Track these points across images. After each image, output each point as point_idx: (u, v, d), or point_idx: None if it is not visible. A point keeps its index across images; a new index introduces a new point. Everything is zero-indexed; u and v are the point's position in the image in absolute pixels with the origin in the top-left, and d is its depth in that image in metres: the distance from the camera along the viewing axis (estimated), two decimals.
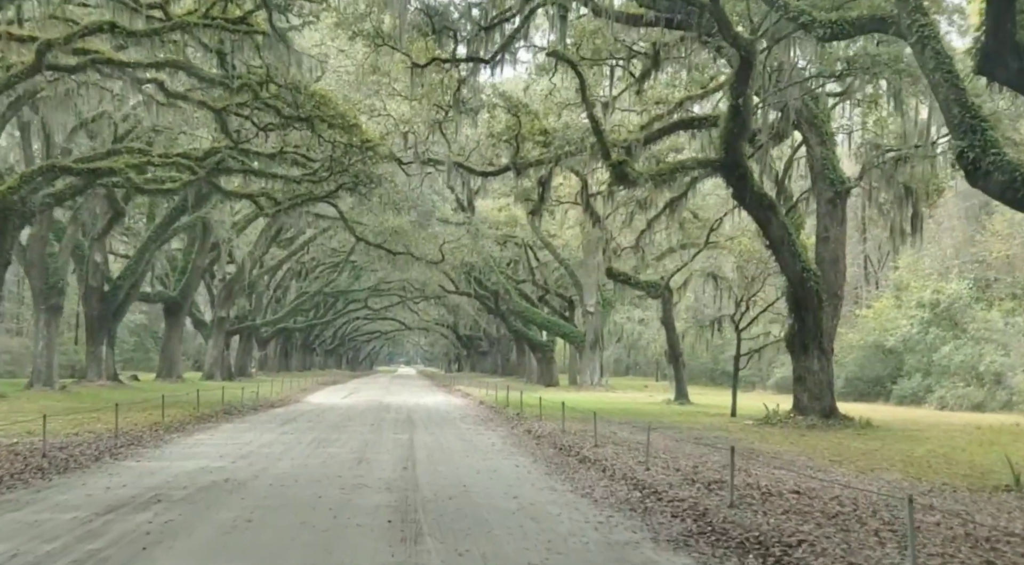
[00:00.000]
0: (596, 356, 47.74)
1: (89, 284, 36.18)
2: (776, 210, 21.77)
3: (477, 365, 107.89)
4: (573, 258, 50.53)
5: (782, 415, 22.74)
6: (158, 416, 20.40)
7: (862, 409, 28.24)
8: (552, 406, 24.88)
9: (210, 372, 52.43)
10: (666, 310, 32.08)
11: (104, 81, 24.14)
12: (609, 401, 33.98)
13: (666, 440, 17.94)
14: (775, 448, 17.24)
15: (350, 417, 23.49)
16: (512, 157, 25.43)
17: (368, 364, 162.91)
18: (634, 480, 11.45)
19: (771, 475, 12.48)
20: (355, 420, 22.51)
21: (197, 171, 23.41)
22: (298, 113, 21.82)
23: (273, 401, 31.08)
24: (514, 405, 28.23)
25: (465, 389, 44.95)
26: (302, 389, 42.68)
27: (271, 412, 25.50)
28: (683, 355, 32.72)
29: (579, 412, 24.28)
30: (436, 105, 25.56)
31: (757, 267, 27.19)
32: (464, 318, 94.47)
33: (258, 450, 14.65)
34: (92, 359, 36.58)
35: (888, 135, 24.07)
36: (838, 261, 22.67)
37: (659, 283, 31.81)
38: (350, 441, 16.47)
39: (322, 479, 11.05)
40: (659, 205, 29.19)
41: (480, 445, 16.53)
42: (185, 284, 46.39)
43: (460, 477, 11.70)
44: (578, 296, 51.04)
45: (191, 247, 46.66)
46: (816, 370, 22.31)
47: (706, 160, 21.11)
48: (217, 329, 53.45)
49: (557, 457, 14.64)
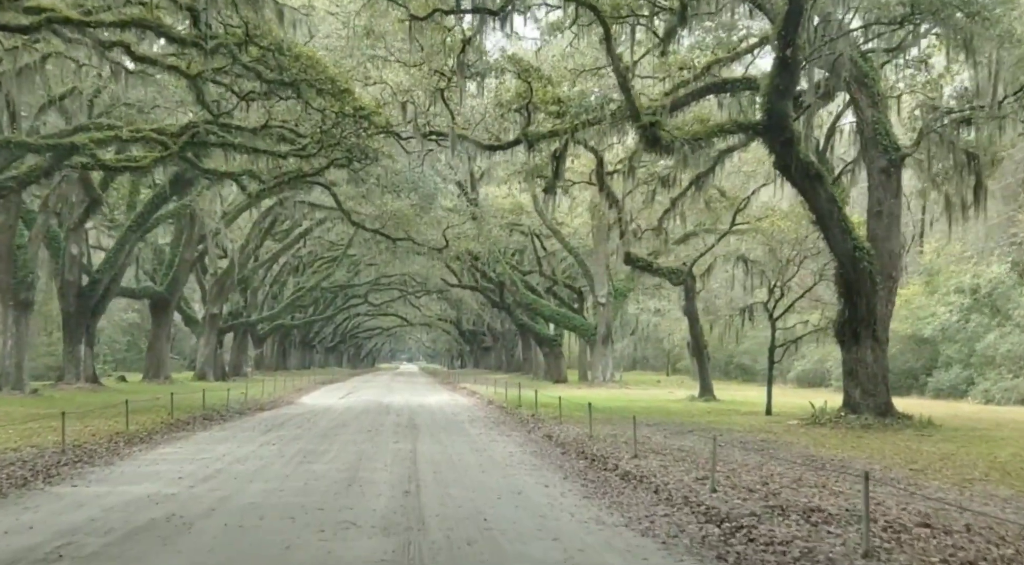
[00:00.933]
0: (608, 350, 45.15)
1: (65, 278, 33.59)
2: (824, 180, 19.15)
3: (481, 361, 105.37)
4: (582, 246, 47.91)
5: (830, 414, 20.17)
6: (130, 423, 17.88)
7: (903, 404, 25.72)
8: (570, 406, 22.31)
9: (202, 372, 49.90)
10: (689, 299, 29.49)
11: (69, 50, 21.59)
12: (627, 399, 31.40)
13: (708, 445, 15.37)
14: (836, 454, 14.68)
15: (345, 422, 20.91)
16: (523, 128, 22.79)
17: (370, 361, 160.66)
18: (701, 506, 8.88)
19: (857, 493, 9.92)
20: (350, 426, 19.93)
21: (170, 146, 20.79)
22: (282, 77, 19.19)
23: (263, 403, 28.54)
24: (527, 404, 25.66)
25: (471, 387, 42.39)
26: (297, 389, 40.14)
27: (258, 417, 22.94)
28: (708, 348, 30.14)
29: (599, 412, 21.73)
30: (438, 71, 22.93)
31: (793, 249, 24.59)
32: (467, 313, 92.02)
33: (228, 468, 12.07)
34: (70, 360, 34.00)
35: (944, 97, 21.45)
36: (892, 238, 20.05)
37: (681, 269, 29.23)
38: (342, 454, 13.88)
39: (297, 514, 8.48)
40: (683, 182, 26.62)
41: (496, 456, 13.95)
42: (172, 279, 43.80)
43: (477, 505, 9.13)
44: (588, 287, 48.42)
45: (178, 240, 44.08)
46: (869, 362, 19.72)
47: (747, 123, 18.49)
48: (209, 326, 50.89)
49: (591, 471, 12.06)
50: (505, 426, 20.27)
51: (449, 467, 12.34)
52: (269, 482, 10.62)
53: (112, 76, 21.55)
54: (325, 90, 19.55)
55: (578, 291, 52.26)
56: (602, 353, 44.81)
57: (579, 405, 23.41)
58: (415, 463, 12.73)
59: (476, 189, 39.22)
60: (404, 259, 65.40)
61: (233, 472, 11.58)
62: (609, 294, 44.79)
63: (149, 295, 43.82)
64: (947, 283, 36.67)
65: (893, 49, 20.11)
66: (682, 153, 17.35)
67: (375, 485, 10.42)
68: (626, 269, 48.94)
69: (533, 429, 19.10)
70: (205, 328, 51.16)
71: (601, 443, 15.24)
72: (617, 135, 23.22)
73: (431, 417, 22.86)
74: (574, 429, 18.24)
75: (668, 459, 12.85)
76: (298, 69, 19.28)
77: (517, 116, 23.96)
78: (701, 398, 29.50)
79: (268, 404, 28.41)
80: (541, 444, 16.08)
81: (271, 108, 22.74)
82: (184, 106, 24.02)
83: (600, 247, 45.08)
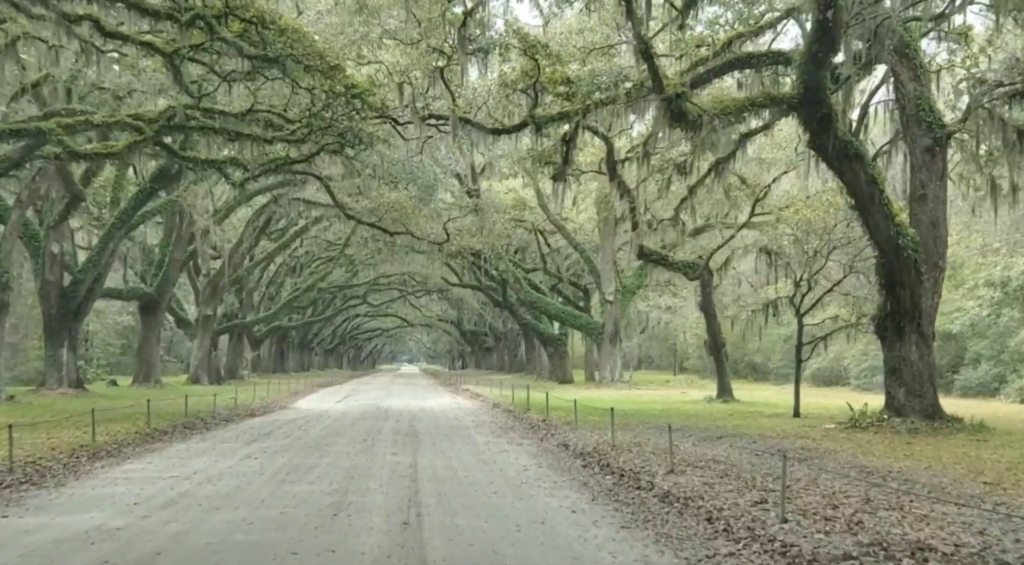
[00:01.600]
0: (616, 349, 43.36)
1: (46, 278, 31.82)
2: (864, 160, 17.38)
3: (483, 362, 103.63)
4: (588, 243, 46.15)
5: (871, 416, 18.40)
6: (98, 432, 16.12)
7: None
8: (583, 409, 20.53)
9: (196, 375, 48.23)
10: (705, 294, 27.70)
11: (37, 29, 19.85)
12: (640, 400, 29.63)
13: (747, 455, 13.62)
14: (890, 465, 12.95)
15: (339, 430, 19.12)
16: (529, 110, 21.02)
17: (370, 363, 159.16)
18: (774, 542, 7.11)
19: (953, 520, 8.16)
20: (344, 434, 18.14)
21: (145, 131, 19.00)
22: (266, 52, 17.40)
23: (254, 408, 26.77)
24: (536, 407, 23.89)
25: (474, 389, 40.61)
26: (293, 393, 38.38)
27: (246, 424, 21.16)
28: (726, 346, 28.34)
29: (609, 415, 19.95)
30: (437, 50, 21.17)
31: (820, 239, 22.81)
32: (468, 313, 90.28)
33: (196, 489, 10.30)
34: (51, 364, 32.22)
35: (988, 70, 19.65)
36: (938, 224, 18.26)
37: (697, 263, 27.45)
38: (331, 470, 12.09)
39: (267, 556, 6.70)
40: (701, 169, 24.85)
41: (509, 471, 12.16)
42: (162, 279, 42.01)
43: (493, 541, 7.35)
44: (595, 284, 46.66)
45: (168, 239, 42.31)
46: (914, 360, 17.94)
47: (780, 96, 16.70)
48: (203, 329, 49.17)
49: (622, 490, 10.29)
50: (514, 433, 18.48)
51: (455, 486, 10.56)
52: (239, 510, 8.82)
53: (83, 55, 19.81)
54: (313, 67, 17.77)
55: (584, 289, 50.49)
56: (610, 352, 43.04)
57: (592, 408, 21.65)
58: (415, 482, 10.95)
59: (478, 181, 37.39)
60: (403, 257, 63.68)
61: (200, 495, 9.80)
62: (617, 291, 43.02)
63: (138, 296, 42.04)
64: (974, 276, 34.88)
65: (936, 17, 18.32)
66: (710, 128, 15.55)
67: (367, 514, 8.63)
68: (634, 265, 47.17)
69: (546, 436, 17.32)
70: (199, 330, 49.44)
71: (626, 454, 13.47)
72: (633, 115, 21.45)
73: (433, 423, 21.08)
74: (592, 436, 16.48)
75: (709, 474, 11.07)
76: (283, 44, 17.49)
77: (523, 97, 22.22)
78: (719, 399, 27.73)
79: (260, 409, 26.65)
80: (557, 455, 14.30)
81: (256, 91, 20.98)
82: (164, 91, 22.24)
83: (607, 242, 43.32)
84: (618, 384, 41.66)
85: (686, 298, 48.33)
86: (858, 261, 23.08)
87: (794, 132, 26.73)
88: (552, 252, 50.31)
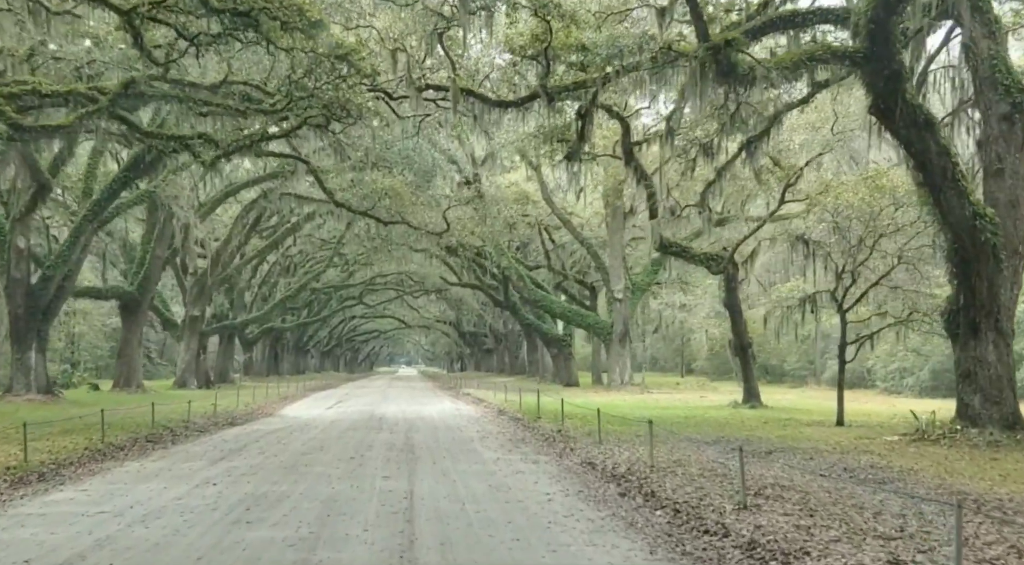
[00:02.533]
0: (626, 350, 40.85)
1: (12, 275, 29.26)
2: (935, 129, 14.90)
3: (482, 364, 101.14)
4: (595, 238, 43.63)
5: (941, 427, 15.92)
6: (39, 449, 13.63)
7: None
8: (607, 419, 18.03)
9: (183, 379, 45.74)
10: (730, 290, 25.18)
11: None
12: (658, 406, 27.12)
13: (816, 479, 11.11)
14: (991, 490, 10.54)
15: (324, 444, 16.60)
16: (540, 79, 18.53)
17: (368, 365, 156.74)
18: None
19: None
20: (330, 449, 15.62)
21: (98, 99, 16.48)
22: (235, 5, 14.89)
23: (236, 416, 24.29)
24: (547, 415, 21.38)
25: (475, 392, 38.08)
26: (282, 398, 35.89)
27: (220, 436, 18.64)
28: (752, 346, 25.81)
29: (633, 423, 17.53)
30: (435, 12, 18.66)
31: (866, 227, 20.32)
32: (468, 313, 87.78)
33: (119, 535, 7.77)
34: (19, 368, 29.64)
35: None
36: (1018, 204, 15.75)
37: (721, 255, 24.95)
38: (304, 503, 9.57)
39: None
40: (729, 151, 22.38)
41: (529, 503, 9.64)
42: (144, 277, 39.46)
43: None
44: (603, 281, 44.13)
45: (150, 235, 39.75)
46: (991, 361, 15.45)
47: (844, 50, 14.19)
48: (190, 330, 46.67)
49: (687, 536, 7.77)
50: (527, 447, 15.96)
51: (463, 529, 8.04)
52: None
53: (31, 17, 17.31)
54: (291, 24, 15.25)
55: (590, 286, 47.94)
56: (619, 353, 40.52)
57: (609, 416, 19.16)
58: (411, 521, 8.43)
59: (478, 169, 34.85)
60: (399, 254, 61.12)
61: (120, 547, 7.28)
62: (626, 289, 40.51)
63: (118, 295, 39.51)
64: None
65: None
66: (766, 82, 13.06)
67: None
68: (644, 261, 44.70)
69: (565, 451, 14.82)
70: (185, 332, 46.92)
71: (671, 476, 10.97)
72: (655, 86, 18.93)
73: (432, 434, 18.55)
74: (621, 452, 14.00)
75: (792, 510, 8.55)
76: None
77: (532, 68, 19.73)
78: (746, 404, 25.23)
79: (242, 417, 24.15)
80: (584, 477, 11.79)
81: (230, 59, 18.48)
82: (128, 63, 19.70)
83: (616, 237, 40.82)
84: (628, 387, 39.16)
85: (701, 295, 45.81)
86: (908, 250, 20.63)
87: (831, 111, 24.28)
88: (556, 248, 47.79)
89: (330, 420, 22.81)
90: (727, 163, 21.64)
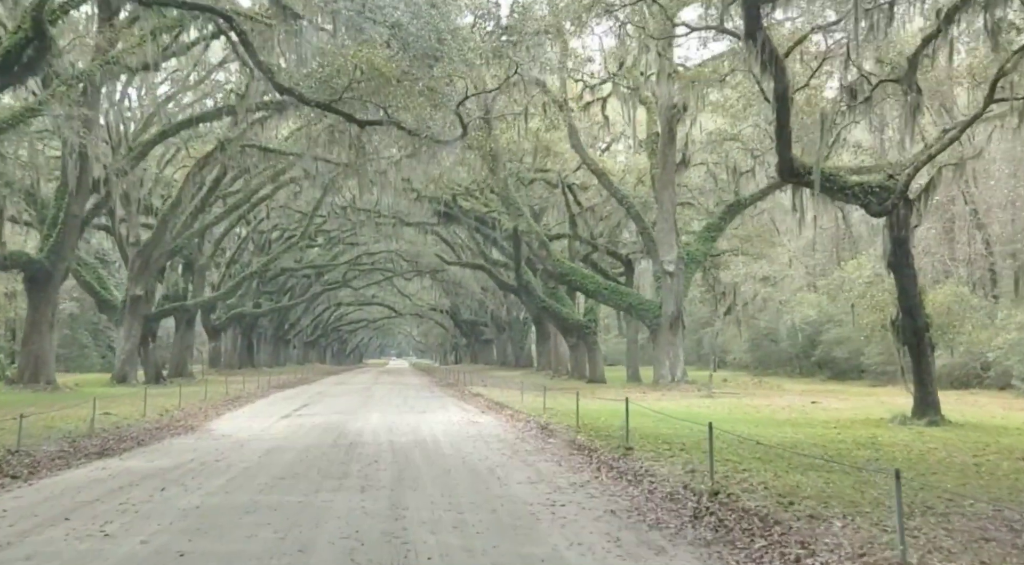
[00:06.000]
0: (679, 338, 31.85)
1: None
2: None
3: (480, 356, 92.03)
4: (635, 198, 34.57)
5: None
6: None
7: None
8: (742, 445, 9.06)
9: (122, 373, 36.57)
10: (898, 240, 16.17)
11: None
12: (773, 419, 18.16)
13: None
14: None
15: (216, 523, 7.53)
16: None
17: (357, 357, 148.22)
18: None
19: None
20: (221, 535, 6.56)
21: None
22: None
23: (129, 434, 15.56)
24: (642, 437, 12.43)
25: (487, 393, 28.99)
26: (232, 398, 26.93)
27: (62, 480, 9.63)
28: (930, 330, 16.77)
29: (807, 460, 8.75)
30: None
31: None
32: (467, 299, 78.72)
33: None
34: None
35: None
36: None
37: (888, 186, 15.94)
38: None
39: None
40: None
41: None
42: (56, 243, 30.28)
43: None
44: (644, 252, 35.13)
45: (63, 189, 30.56)
46: None
47: None
48: (131, 313, 37.47)
49: None
50: (667, 535, 6.95)
51: None
52: None
53: None
54: None
55: (625, 259, 38.80)
56: (670, 342, 31.54)
57: (742, 439, 10.19)
58: None
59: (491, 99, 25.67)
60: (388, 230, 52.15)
61: None
62: (680, 259, 31.53)
63: (20, 265, 30.24)
64: None
65: None
66: None
67: None
68: (696, 226, 35.78)
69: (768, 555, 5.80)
70: (126, 315, 37.68)
71: None
72: None
73: (448, 494, 9.42)
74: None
75: None
76: None
77: None
78: (921, 419, 16.20)
79: (135, 437, 15.29)
80: None
81: None
82: None
83: (666, 194, 31.78)
84: (682, 386, 30.18)
85: (781, 264, 36.42)
86: None
87: None
88: (584, 212, 38.62)
89: (266, 449, 13.63)
90: (937, 30, 12.58)
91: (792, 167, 16.03)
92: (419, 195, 41.46)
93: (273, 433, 16.31)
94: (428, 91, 17.31)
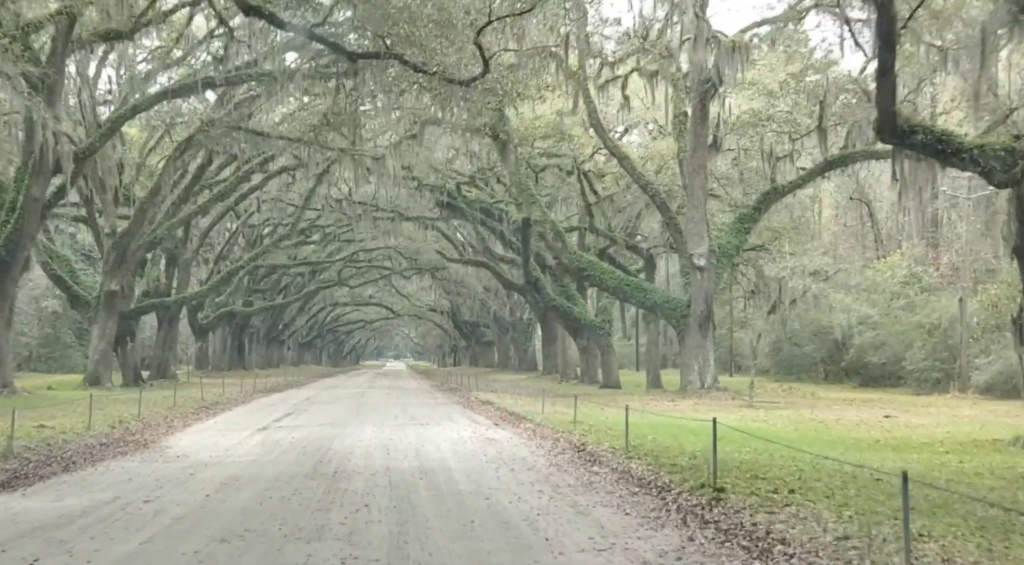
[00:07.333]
0: (709, 340, 28.55)
1: None
2: None
3: (480, 358, 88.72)
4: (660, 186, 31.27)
5: None
6: None
7: None
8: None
9: (95, 374, 33.30)
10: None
11: None
12: (867, 440, 14.90)
13: None
14: None
15: None
16: None
17: (354, 358, 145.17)
18: None
19: None
20: None
21: None
22: None
23: (74, 451, 12.46)
24: (730, 471, 9.11)
25: (496, 400, 25.67)
26: (209, 404, 23.61)
27: None
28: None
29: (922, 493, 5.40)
30: None
31: None
32: (468, 299, 75.42)
33: None
34: None
35: None
36: None
37: (1017, 148, 12.73)
38: None
39: None
40: None
41: None
42: (14, 230, 26.94)
43: None
44: (670, 244, 31.83)
45: (23, 171, 27.27)
46: None
47: None
48: (106, 309, 34.20)
49: None
50: None
51: None
52: None
53: None
54: None
55: (647, 254, 35.49)
56: (700, 344, 28.23)
57: (844, 473, 6.85)
58: None
59: None
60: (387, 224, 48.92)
61: None
62: (711, 253, 28.24)
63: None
64: None
65: None
66: None
67: None
68: (720, 220, 32.49)
69: None
70: (100, 312, 34.38)
71: None
72: None
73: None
74: None
75: None
76: None
77: None
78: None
79: (85, 453, 12.06)
80: None
81: None
82: None
83: (696, 180, 28.45)
84: (714, 393, 26.93)
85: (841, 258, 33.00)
86: None
87: None
88: (601, 202, 35.27)
89: (221, 481, 10.27)
90: None
91: (895, 124, 12.73)
92: (419, 184, 38.27)
93: (240, 453, 13.00)
94: (438, 12, 13.86)
